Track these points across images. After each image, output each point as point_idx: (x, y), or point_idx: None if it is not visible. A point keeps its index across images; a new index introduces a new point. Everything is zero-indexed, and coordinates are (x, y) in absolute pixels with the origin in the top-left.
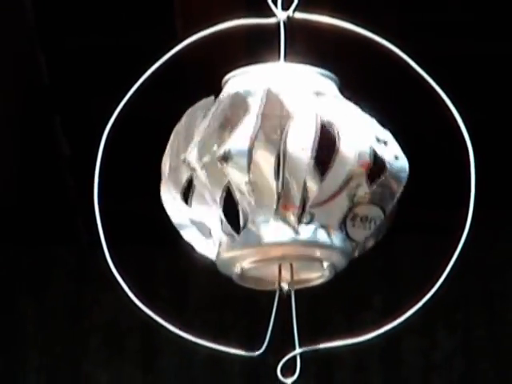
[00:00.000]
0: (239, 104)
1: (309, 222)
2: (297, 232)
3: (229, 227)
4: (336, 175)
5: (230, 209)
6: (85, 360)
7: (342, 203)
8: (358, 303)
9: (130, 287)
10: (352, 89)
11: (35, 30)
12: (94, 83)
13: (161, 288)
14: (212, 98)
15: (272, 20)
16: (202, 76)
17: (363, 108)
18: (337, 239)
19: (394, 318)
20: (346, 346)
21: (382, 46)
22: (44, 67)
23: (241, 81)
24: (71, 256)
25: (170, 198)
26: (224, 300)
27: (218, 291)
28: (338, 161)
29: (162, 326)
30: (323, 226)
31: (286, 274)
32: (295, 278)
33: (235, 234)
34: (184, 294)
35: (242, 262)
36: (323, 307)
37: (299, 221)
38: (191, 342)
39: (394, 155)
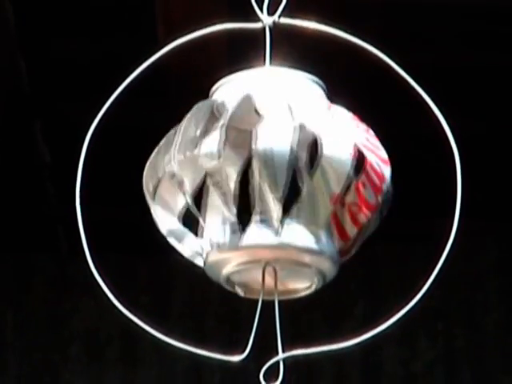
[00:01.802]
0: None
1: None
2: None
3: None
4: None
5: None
6: (64, 368)
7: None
8: (340, 312)
9: (111, 293)
10: (337, 95)
11: (16, 38)
12: (74, 91)
13: (142, 295)
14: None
15: (257, 25)
16: (183, 83)
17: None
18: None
19: (376, 327)
20: (327, 352)
21: (369, 53)
22: (24, 75)
23: (226, 89)
24: (51, 264)
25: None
26: (205, 308)
27: (199, 299)
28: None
29: (142, 334)
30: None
31: (270, 283)
32: (283, 287)
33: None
34: (165, 301)
35: (230, 265)
36: (305, 315)
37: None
38: (172, 350)
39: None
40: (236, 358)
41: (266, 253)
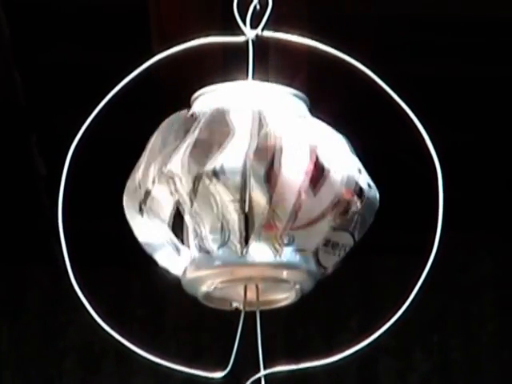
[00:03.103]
0: (218, 122)
1: (288, 245)
2: (279, 254)
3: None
4: (323, 200)
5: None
6: (59, 382)
7: (322, 228)
8: (335, 324)
9: (102, 308)
10: (322, 109)
11: (11, 51)
12: (70, 103)
13: (136, 309)
14: (183, 112)
15: (240, 38)
16: (176, 95)
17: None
18: (309, 263)
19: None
20: (312, 368)
21: (353, 66)
22: (19, 87)
23: (211, 99)
24: (46, 276)
25: (136, 218)
26: (200, 321)
27: (193, 312)
28: (326, 185)
29: (138, 347)
30: (300, 250)
31: (251, 295)
32: (261, 298)
33: (211, 252)
34: (160, 314)
35: (211, 282)
36: (300, 329)
37: (281, 243)
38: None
39: (368, 183)
40: (217, 375)
41: (256, 270)
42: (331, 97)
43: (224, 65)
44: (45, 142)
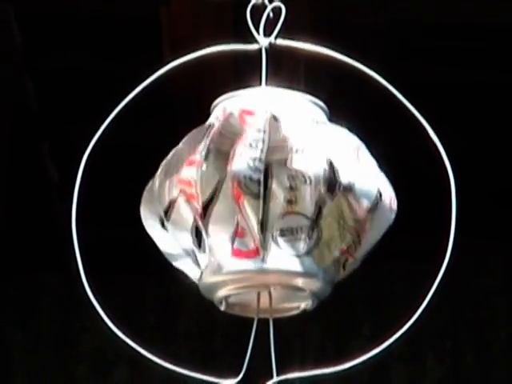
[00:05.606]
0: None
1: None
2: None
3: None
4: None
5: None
6: None
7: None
8: (347, 331)
9: (115, 315)
10: (336, 115)
11: (23, 56)
12: (82, 110)
13: (149, 316)
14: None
15: (254, 46)
16: (190, 103)
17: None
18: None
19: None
20: (323, 375)
21: (365, 73)
22: (32, 94)
23: (228, 105)
24: (59, 284)
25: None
26: (213, 327)
27: (206, 318)
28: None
29: (150, 353)
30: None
31: (265, 302)
32: (277, 306)
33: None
34: (173, 321)
35: (227, 288)
36: (313, 335)
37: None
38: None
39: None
40: (231, 382)
41: (255, 278)
42: (344, 102)
43: (236, 73)
44: (57, 149)
